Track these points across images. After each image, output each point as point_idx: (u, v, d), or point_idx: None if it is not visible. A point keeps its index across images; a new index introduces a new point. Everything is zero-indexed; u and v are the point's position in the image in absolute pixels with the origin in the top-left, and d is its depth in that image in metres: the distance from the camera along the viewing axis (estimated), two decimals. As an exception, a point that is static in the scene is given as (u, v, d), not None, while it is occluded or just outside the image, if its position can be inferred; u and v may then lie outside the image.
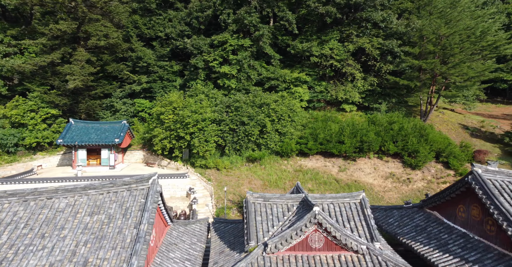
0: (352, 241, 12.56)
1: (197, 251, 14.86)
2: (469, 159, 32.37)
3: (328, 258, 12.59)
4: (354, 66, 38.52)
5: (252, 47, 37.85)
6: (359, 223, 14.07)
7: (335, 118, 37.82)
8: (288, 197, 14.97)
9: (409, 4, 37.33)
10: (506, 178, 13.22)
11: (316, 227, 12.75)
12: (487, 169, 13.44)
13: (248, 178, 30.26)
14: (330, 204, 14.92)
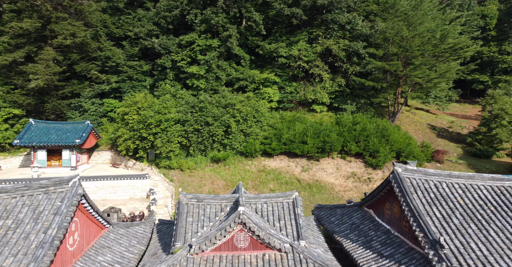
0: (276, 240, 12.82)
1: (133, 254, 14.88)
2: (428, 158, 33.29)
3: (252, 257, 12.82)
4: (322, 67, 39.02)
5: (221, 47, 37.90)
6: (289, 222, 14.35)
7: (303, 118, 38.24)
8: (222, 198, 15.13)
9: (374, 7, 38.06)
10: (424, 176, 13.72)
11: (241, 227, 12.95)
12: (406, 168, 13.92)
13: (211, 179, 30.34)
14: (263, 204, 15.16)
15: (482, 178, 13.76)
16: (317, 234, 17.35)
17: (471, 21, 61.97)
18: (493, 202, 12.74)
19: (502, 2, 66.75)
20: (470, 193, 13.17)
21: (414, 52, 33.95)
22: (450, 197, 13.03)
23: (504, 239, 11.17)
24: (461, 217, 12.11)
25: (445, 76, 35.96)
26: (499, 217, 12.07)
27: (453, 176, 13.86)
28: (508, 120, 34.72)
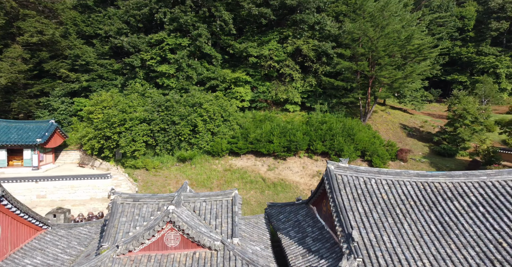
0: (206, 238, 12.90)
1: (70, 255, 14.72)
2: (393, 157, 33.94)
3: (182, 256, 12.86)
4: (292, 67, 39.34)
5: (191, 46, 37.78)
6: (226, 220, 14.46)
7: (275, 118, 38.48)
8: (160, 197, 15.13)
9: (344, 7, 38.57)
10: (355, 173, 14.04)
11: (171, 226, 12.98)
12: (338, 165, 14.21)
13: (176, 178, 30.24)
14: (202, 203, 15.23)
15: (408, 175, 14.16)
16: (263, 232, 17.50)
17: (449, 22, 63.28)
18: (414, 197, 13.15)
19: (480, 4, 67.86)
20: (395, 189, 13.55)
21: (380, 53, 34.56)
22: (375, 193, 13.36)
23: (415, 232, 11.57)
24: (381, 212, 12.45)
25: (411, 77, 36.67)
26: (416, 211, 12.48)
27: (382, 173, 14.21)
28: (471, 120, 35.69)
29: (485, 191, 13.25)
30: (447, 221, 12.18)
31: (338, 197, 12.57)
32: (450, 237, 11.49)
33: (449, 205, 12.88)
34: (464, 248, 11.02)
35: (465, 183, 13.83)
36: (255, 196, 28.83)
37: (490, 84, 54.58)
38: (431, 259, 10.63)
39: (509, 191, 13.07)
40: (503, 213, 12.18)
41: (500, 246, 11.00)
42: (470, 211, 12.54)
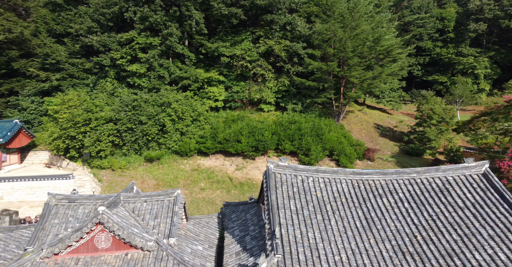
0: (138, 239, 12.84)
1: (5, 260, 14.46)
2: (360, 157, 34.41)
3: (113, 258, 12.76)
4: (265, 67, 39.52)
5: (162, 45, 37.59)
6: (165, 220, 14.45)
7: (248, 118, 38.59)
8: (97, 198, 15.02)
9: (315, 8, 38.94)
10: (293, 172, 14.22)
11: (102, 227, 12.86)
12: (278, 164, 14.37)
13: (142, 178, 30.04)
14: (143, 203, 15.18)
15: (344, 173, 14.41)
16: (212, 231, 17.55)
17: (428, 23, 64.26)
18: (346, 194, 13.40)
19: (460, 5, 68.65)
20: (330, 187, 13.78)
21: (348, 53, 35.01)
22: (311, 190, 13.56)
23: (340, 227, 11.81)
24: (312, 209, 12.64)
25: (380, 77, 37.21)
26: (345, 207, 12.72)
27: (320, 171, 14.43)
28: (437, 120, 36.45)
29: (413, 188, 13.60)
30: (372, 217, 12.45)
31: (272, 195, 12.72)
32: (372, 232, 11.76)
33: (378, 201, 13.17)
34: (382, 242, 11.31)
35: (396, 180, 14.16)
36: (221, 196, 28.85)
37: (464, 84, 55.77)
38: (349, 254, 10.86)
39: (434, 188, 13.46)
40: (424, 209, 12.56)
41: (414, 239, 11.37)
42: (396, 207, 12.86)
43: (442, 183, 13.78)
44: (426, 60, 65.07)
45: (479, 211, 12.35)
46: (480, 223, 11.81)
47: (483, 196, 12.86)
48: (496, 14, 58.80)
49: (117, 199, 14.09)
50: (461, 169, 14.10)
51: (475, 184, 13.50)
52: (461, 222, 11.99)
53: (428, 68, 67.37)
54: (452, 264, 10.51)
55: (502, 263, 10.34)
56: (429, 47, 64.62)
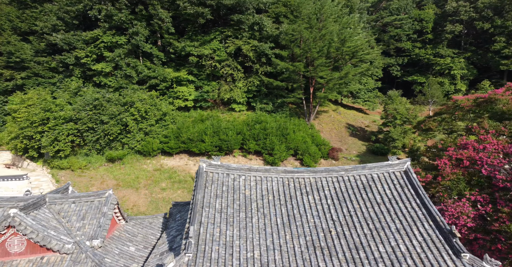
0: (54, 242, 12.56)
1: None
2: (325, 156, 34.81)
3: (26, 262, 12.43)
4: (233, 66, 39.55)
5: (128, 44, 37.18)
6: (92, 222, 14.23)
7: (217, 117, 38.54)
8: (20, 199, 14.70)
9: (283, 9, 39.21)
10: (226, 171, 14.29)
11: (14, 230, 12.53)
12: (210, 163, 14.42)
13: (102, 179, 29.62)
14: (71, 204, 14.93)
15: (276, 171, 14.56)
16: (154, 232, 17.41)
17: (405, 24, 65.23)
18: (275, 192, 13.54)
19: (439, 7, 69.58)
20: (261, 185, 13.90)
21: (314, 54, 35.37)
22: (240, 189, 13.64)
23: (261, 225, 11.96)
24: (237, 207, 12.73)
25: (347, 78, 37.71)
26: (271, 205, 12.87)
27: (252, 170, 14.53)
28: (401, 120, 37.15)
29: (339, 185, 13.86)
30: (294, 213, 12.62)
31: (198, 194, 12.78)
32: (290, 228, 11.92)
33: (304, 199, 13.35)
34: (297, 238, 11.49)
35: (326, 178, 14.38)
36: (182, 196, 28.72)
37: (436, 85, 56.99)
38: (263, 250, 10.99)
39: (359, 185, 13.75)
40: (345, 205, 12.82)
41: (329, 234, 11.61)
42: (319, 204, 13.08)
43: (366, 180, 14.07)
44: (405, 60, 65.64)
45: (393, 206, 12.68)
46: (392, 217, 12.14)
47: (400, 192, 13.20)
48: (471, 16, 59.98)
49: (41, 201, 13.83)
50: (385, 167, 14.42)
51: (395, 181, 13.85)
52: (375, 217, 12.29)
53: (409, 69, 67.38)
54: (356, 256, 10.79)
55: (402, 254, 10.69)
56: (409, 48, 65.19)
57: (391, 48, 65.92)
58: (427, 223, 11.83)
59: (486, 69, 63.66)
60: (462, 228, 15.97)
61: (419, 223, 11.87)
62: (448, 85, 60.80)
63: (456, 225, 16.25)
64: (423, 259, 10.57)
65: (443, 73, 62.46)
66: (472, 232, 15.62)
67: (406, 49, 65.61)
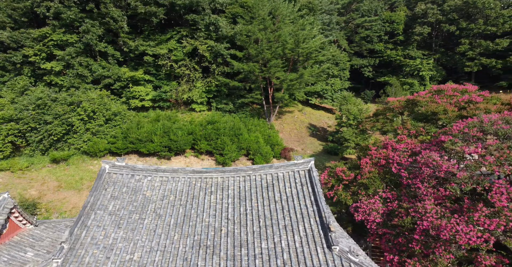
0: None
1: None
2: (277, 156, 35.28)
3: None
4: (190, 66, 39.43)
5: (79, 43, 36.36)
6: (-6, 222, 13.93)
7: (175, 117, 38.27)
8: None
9: (240, 9, 39.42)
10: (131, 172, 14.32)
11: None
12: (114, 164, 14.41)
13: (43, 180, 28.85)
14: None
15: (184, 171, 14.70)
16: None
17: (375, 25, 66.56)
18: (178, 192, 13.68)
19: (410, 9, 70.69)
20: (166, 185, 14.01)
21: (267, 55, 35.78)
22: (142, 190, 13.69)
23: (152, 226, 12.07)
24: (133, 209, 12.77)
25: (302, 78, 38.28)
26: (169, 206, 13.00)
27: (160, 171, 14.62)
28: (354, 120, 38.07)
29: (245, 185, 14.13)
30: (191, 214, 12.78)
31: (90, 197, 12.77)
32: (182, 228, 12.07)
33: (206, 198, 13.54)
34: (185, 238, 11.64)
35: (234, 177, 14.63)
36: (126, 197, 28.33)
37: (398, 86, 58.59)
38: (144, 252, 11.07)
39: (263, 184, 14.08)
40: (244, 203, 13.12)
41: (219, 233, 11.83)
42: (220, 203, 13.30)
43: (271, 179, 14.42)
44: (376, 62, 66.58)
45: (289, 203, 13.08)
46: (284, 214, 12.52)
47: (299, 190, 13.63)
48: (438, 18, 61.74)
49: None
50: (291, 166, 14.84)
51: (298, 179, 14.27)
52: (269, 214, 12.64)
53: (382, 70, 68.06)
54: (238, 254, 11.07)
55: (281, 249, 11.07)
56: (381, 49, 66.12)
57: (364, 49, 66.74)
58: (314, 219, 12.28)
59: (455, 71, 65.57)
60: (373, 224, 16.63)
61: (306, 219, 12.31)
62: (418, 86, 61.63)
63: (368, 221, 16.93)
64: (299, 253, 10.99)
65: (412, 74, 63.64)
66: (379, 227, 16.29)
67: (378, 50, 66.48)
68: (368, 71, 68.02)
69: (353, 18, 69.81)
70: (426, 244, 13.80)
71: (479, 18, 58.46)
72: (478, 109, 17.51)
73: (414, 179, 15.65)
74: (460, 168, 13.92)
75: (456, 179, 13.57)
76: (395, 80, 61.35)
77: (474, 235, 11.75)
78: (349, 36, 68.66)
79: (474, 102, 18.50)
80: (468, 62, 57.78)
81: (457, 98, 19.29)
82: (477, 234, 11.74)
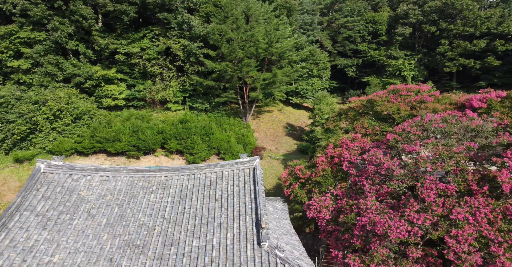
0: None
1: None
2: (249, 155, 35.28)
3: None
4: (163, 65, 39.11)
5: (47, 41, 35.63)
6: None
7: (148, 117, 37.89)
8: None
9: (213, 9, 39.28)
10: (69, 171, 14.10)
11: None
12: (50, 163, 14.16)
13: (4, 180, 28.17)
14: None
15: (127, 171, 14.57)
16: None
17: (357, 26, 66.93)
18: (116, 192, 13.52)
19: (393, 9, 71.06)
20: (105, 185, 13.83)
21: (239, 54, 35.73)
22: (78, 190, 13.47)
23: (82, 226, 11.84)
24: (64, 209, 12.55)
25: (276, 78, 38.38)
26: (104, 206, 12.83)
27: (100, 170, 14.42)
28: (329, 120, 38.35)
29: (188, 183, 14.07)
30: (127, 213, 12.63)
31: (18, 198, 12.46)
32: (114, 228, 11.91)
33: (145, 198, 13.41)
34: (115, 238, 11.50)
35: (178, 176, 14.54)
36: (91, 197, 27.90)
37: (377, 86, 59.20)
38: (67, 253, 10.89)
39: (207, 182, 14.05)
40: (184, 202, 13.08)
41: (152, 232, 11.72)
42: (159, 202, 13.20)
43: (216, 177, 14.39)
44: (359, 62, 66.89)
45: (228, 201, 13.07)
46: (221, 212, 12.51)
47: (242, 188, 13.64)
48: (419, 19, 62.47)
49: None
50: (236, 164, 14.83)
51: (242, 177, 14.28)
52: (206, 212, 12.60)
53: (366, 70, 68.33)
54: (166, 253, 10.99)
55: (211, 247, 11.06)
56: (364, 49, 66.26)
57: (347, 49, 66.98)
58: (250, 217, 12.31)
59: (437, 71, 66.22)
60: (323, 221, 16.77)
61: (243, 217, 12.33)
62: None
63: (318, 218, 17.07)
64: (228, 250, 11.00)
65: (395, 74, 64.02)
66: (328, 224, 16.44)
67: (362, 50, 66.72)
68: (352, 71, 68.34)
69: (336, 18, 70.15)
70: (366, 239, 13.99)
71: (458, 19, 59.55)
72: (427, 108, 17.84)
73: (361, 176, 15.86)
74: (400, 166, 14.16)
75: (394, 176, 13.80)
76: (374, 80, 61.97)
77: (403, 230, 11.97)
78: (332, 36, 68.96)
79: (425, 102, 18.84)
80: (448, 62, 58.53)
81: (410, 98, 19.62)
82: (407, 228, 11.95)
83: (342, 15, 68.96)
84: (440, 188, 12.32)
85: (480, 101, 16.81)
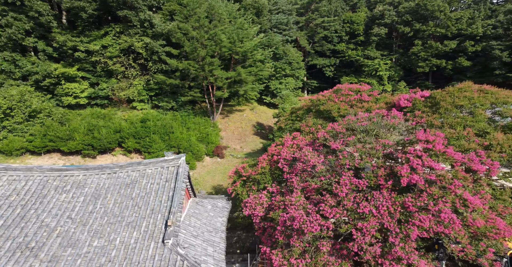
0: None
1: None
2: (209, 154, 35.01)
3: None
4: (126, 64, 38.37)
5: (1, 37, 34.43)
6: None
7: (111, 115, 37.09)
8: None
9: (177, 7, 38.81)
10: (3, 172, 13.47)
11: None
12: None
13: None
14: None
15: (41, 170, 14.05)
16: None
17: (333, 26, 67.19)
18: (24, 192, 12.98)
19: (370, 10, 71.37)
20: (12, 185, 13.26)
21: (201, 53, 35.38)
22: (-12, 189, 12.88)
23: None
24: (-31, 210, 11.95)
25: (241, 77, 38.20)
26: (6, 206, 12.24)
27: (10, 169, 13.82)
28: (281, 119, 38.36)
29: (105, 182, 13.67)
30: (31, 214, 12.13)
31: None
32: (9, 230, 11.37)
33: (55, 197, 12.93)
34: (7, 240, 10.97)
35: (98, 175, 14.12)
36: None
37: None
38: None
39: (127, 181, 13.70)
40: (97, 202, 12.67)
41: (53, 233, 11.29)
42: (69, 202, 12.74)
43: (137, 176, 14.05)
44: (337, 62, 67.06)
45: (145, 200, 12.77)
46: (134, 211, 12.21)
47: (162, 186, 13.37)
48: (394, 19, 63.28)
49: None
50: (161, 162, 14.55)
51: (165, 176, 14.01)
52: (118, 211, 12.25)
53: (345, 70, 68.57)
54: (63, 254, 10.59)
55: (114, 247, 10.73)
56: (343, 50, 66.50)
57: (325, 49, 67.09)
58: (161, 215, 12.05)
59: (412, 71, 67.22)
60: (257, 218, 16.65)
61: (155, 215, 12.05)
62: (377, 86, 61.97)
63: (253, 215, 16.94)
64: (130, 249, 10.69)
65: (371, 74, 63.99)
66: (262, 221, 16.33)
67: (340, 50, 66.92)
68: (330, 71, 68.36)
69: (313, 18, 70.41)
70: (288, 235, 13.95)
71: (430, 20, 60.74)
72: (363, 107, 17.98)
73: (292, 173, 15.83)
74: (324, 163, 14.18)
75: (316, 172, 13.80)
76: (350, 79, 62.39)
77: (316, 224, 11.98)
78: (310, 36, 69.09)
79: (364, 101, 19.00)
80: (421, 62, 59.43)
81: (351, 97, 19.76)
82: (320, 222, 11.96)
83: (319, 15, 69.26)
84: (353, 183, 12.38)
85: (407, 100, 17.06)
